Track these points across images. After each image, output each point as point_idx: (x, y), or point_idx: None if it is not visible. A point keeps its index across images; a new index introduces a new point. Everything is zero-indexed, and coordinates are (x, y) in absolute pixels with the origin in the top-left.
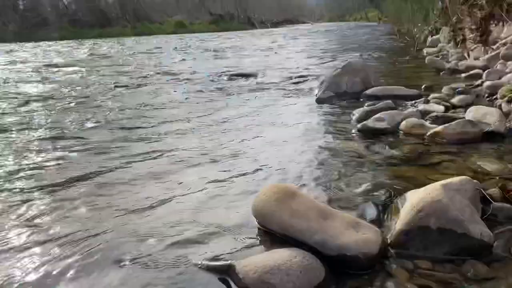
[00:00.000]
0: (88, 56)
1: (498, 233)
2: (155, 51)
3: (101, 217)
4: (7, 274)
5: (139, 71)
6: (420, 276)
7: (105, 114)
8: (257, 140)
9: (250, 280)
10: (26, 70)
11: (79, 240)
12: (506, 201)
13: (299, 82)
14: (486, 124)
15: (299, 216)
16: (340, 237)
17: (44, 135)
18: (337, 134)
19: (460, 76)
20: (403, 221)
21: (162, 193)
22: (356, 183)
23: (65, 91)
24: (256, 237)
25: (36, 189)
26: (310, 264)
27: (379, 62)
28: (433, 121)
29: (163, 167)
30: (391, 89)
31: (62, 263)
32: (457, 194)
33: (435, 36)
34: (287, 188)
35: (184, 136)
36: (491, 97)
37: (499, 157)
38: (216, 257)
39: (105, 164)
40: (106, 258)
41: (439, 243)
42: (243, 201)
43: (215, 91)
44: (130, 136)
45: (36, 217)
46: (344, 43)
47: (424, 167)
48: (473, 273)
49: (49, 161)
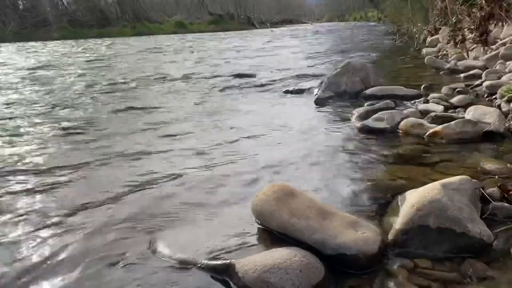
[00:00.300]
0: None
1: (497, 232)
2: (153, 51)
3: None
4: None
5: (130, 73)
6: (420, 275)
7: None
8: (256, 139)
9: (249, 279)
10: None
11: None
12: (506, 200)
13: (299, 81)
14: (486, 123)
15: (298, 215)
16: (340, 236)
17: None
18: (337, 133)
19: (460, 76)
20: (403, 220)
21: (158, 191)
22: (356, 183)
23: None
24: (255, 236)
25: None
26: (309, 263)
27: (378, 62)
28: (433, 120)
29: (160, 167)
30: (390, 88)
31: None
32: (456, 194)
33: (435, 36)
34: (287, 187)
35: (182, 135)
36: (490, 97)
37: (498, 157)
38: (215, 256)
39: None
40: (104, 259)
41: (438, 242)
42: (242, 200)
43: (213, 91)
44: (123, 137)
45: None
46: (344, 42)
47: (424, 167)
48: (472, 272)
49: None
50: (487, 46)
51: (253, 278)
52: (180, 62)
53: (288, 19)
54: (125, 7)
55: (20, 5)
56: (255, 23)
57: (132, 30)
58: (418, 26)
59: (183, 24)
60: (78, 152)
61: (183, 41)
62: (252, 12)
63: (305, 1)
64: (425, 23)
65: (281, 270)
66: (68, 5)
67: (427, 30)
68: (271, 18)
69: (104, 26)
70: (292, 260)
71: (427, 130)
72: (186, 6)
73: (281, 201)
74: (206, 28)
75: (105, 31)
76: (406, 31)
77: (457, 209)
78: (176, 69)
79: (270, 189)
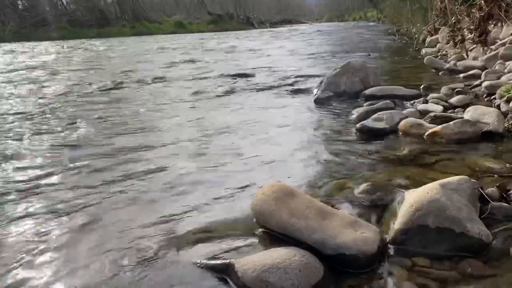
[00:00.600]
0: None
1: (496, 232)
2: (150, 52)
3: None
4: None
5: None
6: (419, 275)
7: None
8: (256, 139)
9: (248, 279)
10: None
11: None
12: (504, 200)
13: (298, 81)
14: (485, 124)
15: (298, 215)
16: (339, 236)
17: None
18: (336, 133)
19: (459, 76)
20: (402, 220)
21: (158, 190)
22: (355, 182)
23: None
24: (255, 236)
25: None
26: (309, 263)
27: (378, 62)
28: (432, 121)
29: (157, 166)
30: (390, 89)
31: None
32: (455, 193)
33: (434, 36)
34: (286, 187)
35: (180, 136)
36: (489, 97)
37: (497, 157)
38: (215, 256)
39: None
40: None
41: (437, 241)
42: (242, 200)
43: (211, 91)
44: (120, 140)
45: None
46: (343, 43)
47: (423, 167)
48: (471, 271)
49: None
50: (486, 46)
51: (252, 277)
52: (179, 62)
53: (287, 19)
54: (125, 7)
55: (20, 5)
56: (254, 23)
57: (132, 30)
58: (417, 26)
59: (182, 24)
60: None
61: (182, 40)
62: (251, 12)
63: (304, 1)
64: (424, 23)
65: (280, 270)
66: (67, 5)
67: (427, 30)
68: (270, 18)
69: (104, 26)
70: (292, 260)
71: (426, 130)
72: (185, 6)
73: (280, 201)
74: (205, 28)
75: (105, 31)
76: (406, 31)
77: (456, 209)
78: (174, 69)
79: (269, 189)
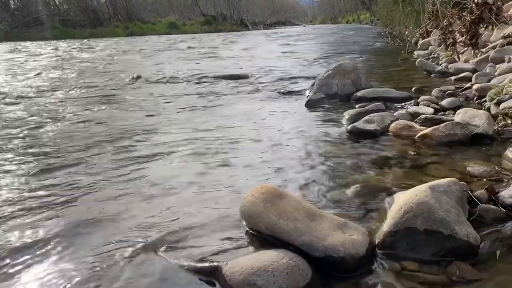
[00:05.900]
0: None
1: (484, 234)
2: (145, 52)
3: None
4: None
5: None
6: (407, 278)
7: None
8: (246, 141)
9: (236, 282)
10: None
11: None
12: (493, 202)
13: (290, 83)
14: (475, 126)
15: (286, 217)
16: (327, 238)
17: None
18: (327, 135)
19: (450, 79)
20: (390, 222)
21: (144, 192)
22: (344, 185)
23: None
24: (243, 238)
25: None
26: (296, 266)
27: (370, 64)
28: (423, 123)
29: (144, 167)
30: (381, 91)
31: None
32: (444, 196)
33: (426, 39)
34: (275, 189)
35: (170, 138)
36: (480, 100)
37: (486, 159)
38: (202, 258)
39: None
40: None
41: (426, 244)
42: (230, 202)
43: (203, 92)
44: (109, 142)
45: None
46: (336, 45)
47: (413, 169)
48: (459, 274)
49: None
50: (477, 49)
51: (239, 280)
52: (172, 63)
53: (281, 21)
54: (118, 7)
55: (12, 5)
56: (248, 25)
57: (125, 30)
58: (410, 29)
59: (175, 25)
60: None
61: (175, 41)
62: (245, 14)
63: (298, 3)
64: (416, 26)
65: (268, 273)
66: (60, 5)
67: (419, 33)
68: (264, 20)
69: (97, 26)
70: (279, 263)
71: (417, 132)
72: (179, 7)
73: (269, 203)
74: (199, 29)
75: (97, 31)
76: (398, 33)
77: (445, 211)
78: (169, 70)
79: (258, 191)
